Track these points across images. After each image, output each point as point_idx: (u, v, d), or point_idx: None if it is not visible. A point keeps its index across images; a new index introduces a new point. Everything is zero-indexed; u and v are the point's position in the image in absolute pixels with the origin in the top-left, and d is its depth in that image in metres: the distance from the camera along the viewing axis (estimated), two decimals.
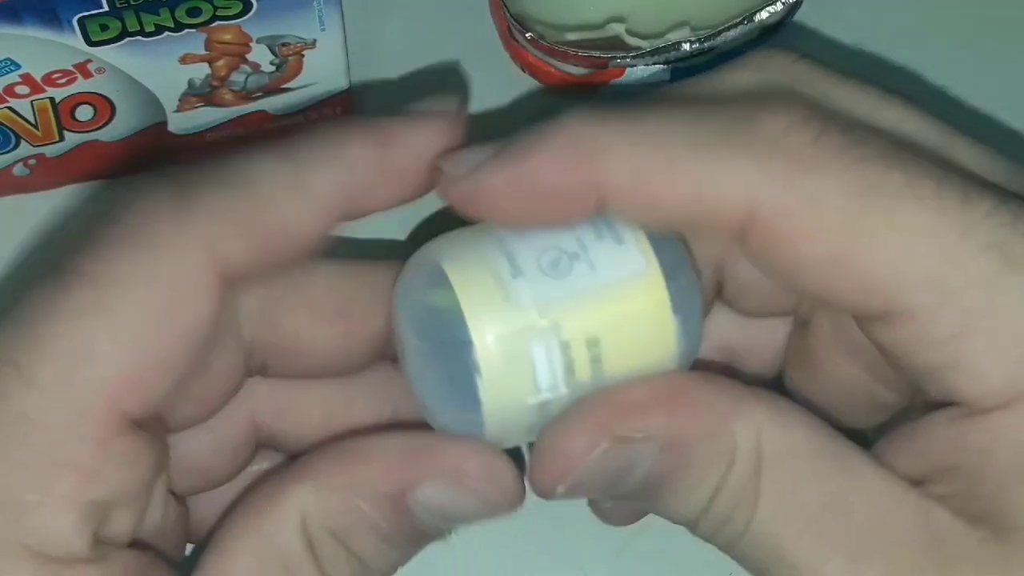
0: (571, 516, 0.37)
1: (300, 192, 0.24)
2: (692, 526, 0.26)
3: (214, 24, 0.33)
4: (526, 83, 0.40)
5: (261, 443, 0.28)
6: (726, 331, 0.29)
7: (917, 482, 0.24)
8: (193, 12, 0.32)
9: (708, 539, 0.26)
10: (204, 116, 0.37)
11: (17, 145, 0.36)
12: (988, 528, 0.23)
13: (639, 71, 0.38)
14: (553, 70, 0.39)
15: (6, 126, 0.35)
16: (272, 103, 0.37)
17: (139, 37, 0.33)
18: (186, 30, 0.33)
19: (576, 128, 0.24)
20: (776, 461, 0.24)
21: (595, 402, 0.25)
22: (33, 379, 0.22)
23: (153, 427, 0.24)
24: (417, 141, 0.25)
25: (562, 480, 0.25)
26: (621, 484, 0.25)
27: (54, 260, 0.23)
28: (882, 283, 0.23)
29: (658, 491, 0.25)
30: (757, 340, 0.30)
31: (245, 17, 0.33)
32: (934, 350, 0.23)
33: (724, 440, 0.24)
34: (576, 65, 0.38)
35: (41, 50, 0.33)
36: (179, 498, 0.27)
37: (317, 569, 0.25)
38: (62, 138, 0.36)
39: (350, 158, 0.25)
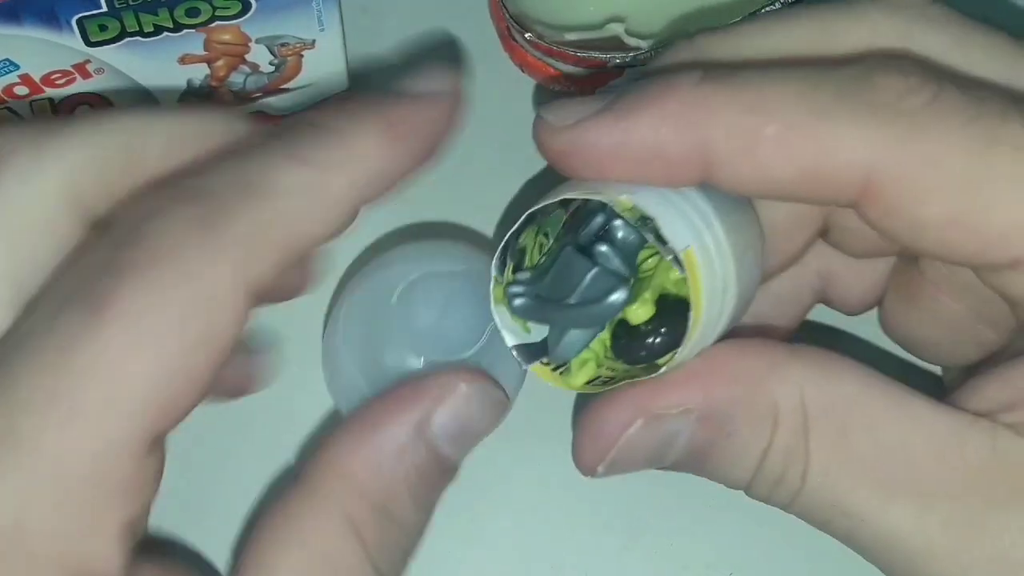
0: (572, 516, 0.37)
1: (322, 199, 0.24)
2: (746, 489, 0.26)
3: (213, 24, 0.33)
4: (526, 83, 0.40)
5: None
6: (827, 259, 0.30)
7: (990, 413, 0.24)
8: (192, 12, 0.32)
9: (765, 500, 0.26)
10: None
11: None
12: None
13: (638, 71, 0.38)
14: (552, 70, 0.39)
15: None
16: (271, 103, 0.37)
17: (138, 37, 0.33)
18: (185, 30, 0.33)
19: (686, 88, 0.23)
20: (823, 416, 0.24)
21: (633, 385, 0.25)
22: (75, 410, 0.22)
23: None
24: (425, 125, 0.25)
25: (601, 459, 0.26)
26: (664, 457, 0.26)
27: (80, 283, 0.23)
28: (1006, 237, 0.23)
29: (704, 460, 0.26)
30: (857, 272, 0.30)
31: (244, 17, 0.33)
32: None
33: (763, 403, 0.24)
34: (576, 65, 0.38)
35: (40, 50, 0.32)
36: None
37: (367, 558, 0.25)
38: None
39: (363, 153, 0.24)
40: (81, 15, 0.32)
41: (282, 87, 0.36)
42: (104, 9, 0.32)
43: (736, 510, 0.37)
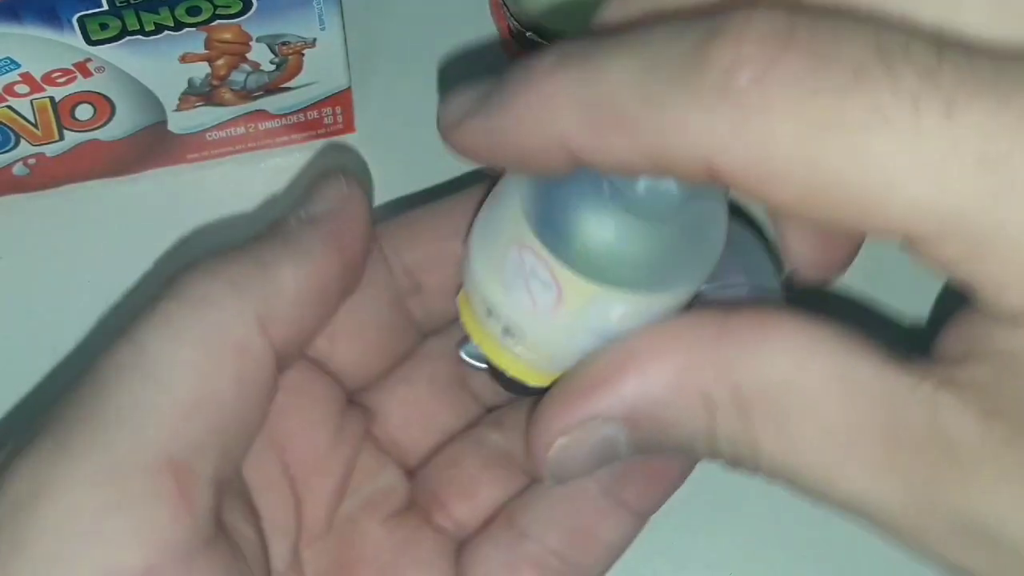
0: None
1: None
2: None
3: (214, 23, 0.33)
4: None
5: None
6: None
7: (949, 360, 0.23)
8: (193, 11, 0.32)
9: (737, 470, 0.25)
10: (204, 115, 0.37)
11: (17, 144, 0.36)
12: (1006, 426, 0.22)
13: None
14: None
15: (6, 125, 0.35)
16: (272, 102, 0.37)
17: (139, 36, 0.33)
18: (186, 29, 0.33)
19: (539, 79, 0.23)
20: (760, 399, 0.23)
21: (550, 396, 0.25)
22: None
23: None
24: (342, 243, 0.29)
25: (543, 472, 0.26)
26: (613, 456, 0.25)
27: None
28: (869, 218, 0.21)
29: (656, 451, 0.25)
30: None
31: (245, 16, 0.33)
32: (948, 269, 0.22)
33: (690, 397, 0.24)
34: None
35: (41, 49, 0.33)
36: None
37: None
38: (62, 137, 0.36)
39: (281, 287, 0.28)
40: (82, 13, 0.32)
41: (283, 86, 0.36)
42: (105, 8, 0.32)
43: (736, 510, 0.37)
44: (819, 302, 0.25)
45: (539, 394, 0.30)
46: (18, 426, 0.36)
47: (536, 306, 0.26)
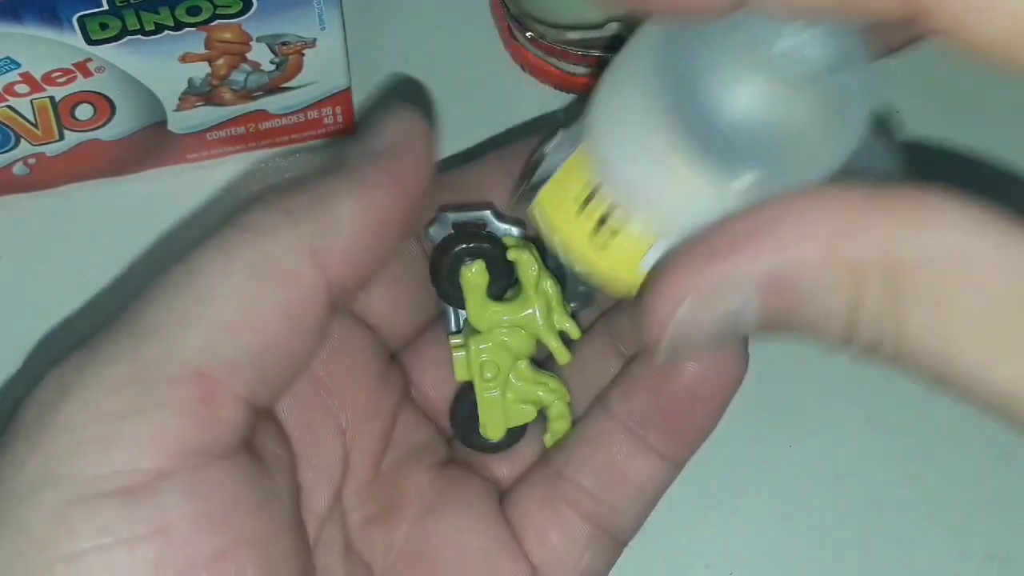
0: None
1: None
2: (847, 350, 0.23)
3: (214, 23, 0.33)
4: (526, 83, 0.40)
5: None
6: None
7: None
8: (193, 11, 0.33)
9: (869, 359, 0.23)
10: (204, 115, 0.37)
11: (17, 144, 0.36)
12: None
13: None
14: (553, 69, 0.39)
15: (6, 125, 0.35)
16: (272, 102, 0.37)
17: (139, 36, 0.33)
18: (186, 29, 0.33)
19: None
20: (922, 274, 0.21)
21: (686, 251, 0.23)
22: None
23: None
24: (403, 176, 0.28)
25: (660, 338, 0.24)
26: (736, 330, 0.23)
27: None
28: None
29: (785, 328, 0.23)
30: None
31: (245, 16, 0.33)
32: None
33: (840, 265, 0.22)
34: (576, 64, 0.38)
35: (41, 49, 0.33)
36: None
37: None
38: (62, 137, 0.36)
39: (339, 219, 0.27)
40: (82, 13, 0.32)
41: (283, 86, 0.37)
42: (105, 7, 0.32)
43: (736, 510, 0.37)
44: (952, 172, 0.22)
45: (492, 449, 0.31)
46: None
47: (659, 169, 0.24)
